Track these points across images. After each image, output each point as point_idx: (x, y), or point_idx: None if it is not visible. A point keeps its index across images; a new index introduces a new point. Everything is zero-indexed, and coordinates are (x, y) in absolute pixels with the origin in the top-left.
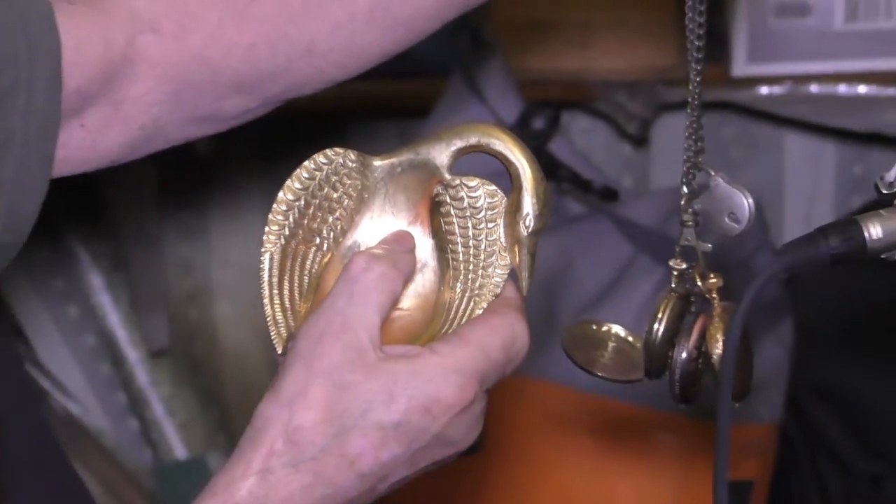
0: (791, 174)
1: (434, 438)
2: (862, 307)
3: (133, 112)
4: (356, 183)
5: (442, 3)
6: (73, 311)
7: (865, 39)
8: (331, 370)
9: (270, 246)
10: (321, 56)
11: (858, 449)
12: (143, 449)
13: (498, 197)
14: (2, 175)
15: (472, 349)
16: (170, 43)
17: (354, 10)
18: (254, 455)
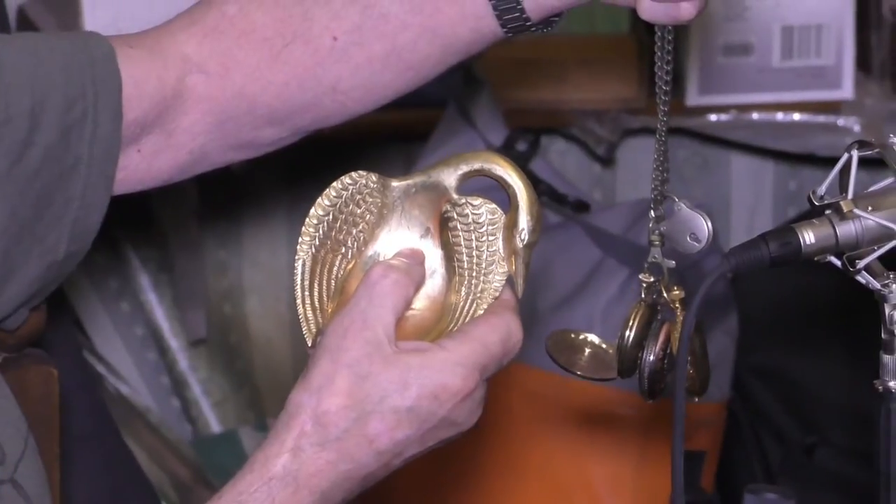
0: (736, 189)
1: (441, 420)
2: (796, 302)
3: (182, 140)
4: (377, 201)
5: (446, 52)
6: (124, 307)
7: (799, 74)
8: (353, 362)
9: (303, 254)
10: (344, 93)
11: (793, 422)
12: (184, 424)
13: (498, 214)
14: (70, 193)
15: (475, 344)
16: (215, 81)
17: (372, 55)
18: (287, 435)
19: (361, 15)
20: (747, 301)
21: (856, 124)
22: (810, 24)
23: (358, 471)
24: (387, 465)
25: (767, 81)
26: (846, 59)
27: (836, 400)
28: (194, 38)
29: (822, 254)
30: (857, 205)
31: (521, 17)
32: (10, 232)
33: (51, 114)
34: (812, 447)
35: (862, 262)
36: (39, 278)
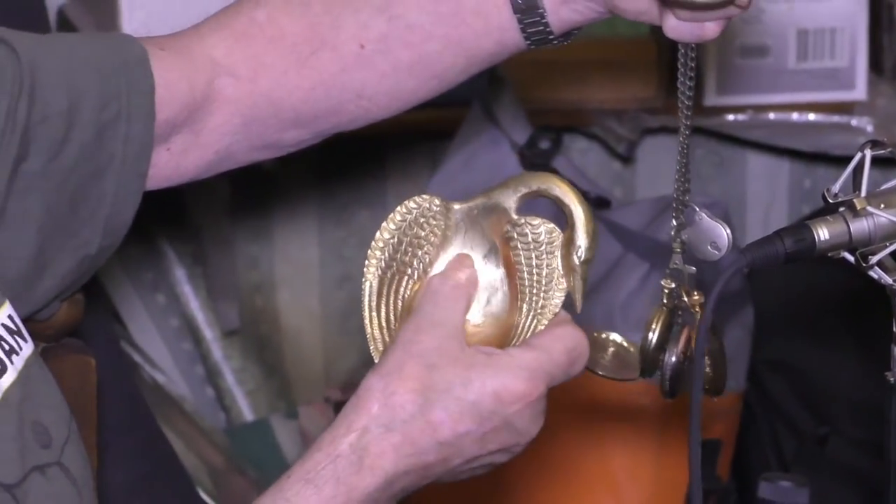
0: (752, 186)
1: (502, 422)
2: (810, 297)
3: (210, 140)
4: (440, 223)
5: (470, 62)
6: (160, 299)
7: (813, 76)
8: (423, 353)
9: (370, 276)
10: (368, 99)
11: (807, 413)
12: (218, 412)
13: (556, 233)
14: (104, 190)
15: (538, 352)
16: (243, 85)
17: (398, 64)
18: (356, 417)
19: (388, 25)
20: (763, 296)
21: (868, 124)
22: (825, 27)
23: (420, 458)
24: (447, 460)
25: (783, 83)
26: (859, 62)
27: (848, 392)
28: (224, 42)
29: (835, 250)
30: (869, 202)
31: (545, 31)
32: (45, 227)
33: (86, 113)
34: (825, 437)
35: (874, 257)
36: (73, 272)
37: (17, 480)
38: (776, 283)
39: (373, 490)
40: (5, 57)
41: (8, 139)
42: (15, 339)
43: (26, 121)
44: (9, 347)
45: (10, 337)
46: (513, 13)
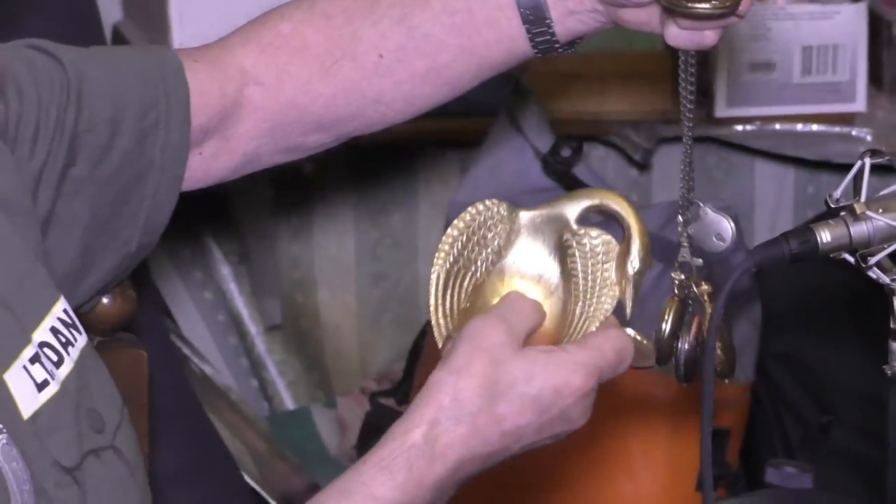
0: (760, 192)
1: (560, 413)
2: (814, 295)
3: (238, 144)
4: (505, 227)
5: (481, 69)
6: (208, 296)
7: (816, 89)
8: (489, 349)
9: (438, 267)
10: (386, 105)
11: (811, 403)
12: (261, 402)
13: (612, 244)
14: (144, 193)
15: (593, 351)
16: (270, 92)
17: (414, 72)
18: (427, 409)
19: (406, 35)
20: (770, 293)
21: (868, 134)
22: (827, 44)
23: (484, 447)
24: (507, 448)
25: (788, 95)
26: (859, 76)
27: (849, 383)
28: (252, 53)
29: (837, 251)
30: (869, 207)
31: (552, 40)
32: (90, 228)
33: (128, 121)
34: (828, 426)
35: (873, 259)
36: (114, 269)
37: (76, 464)
38: (783, 281)
39: (442, 477)
40: (53, 69)
41: (57, 146)
42: (70, 331)
43: (74, 129)
44: (65, 340)
45: (66, 330)
46: (522, 24)
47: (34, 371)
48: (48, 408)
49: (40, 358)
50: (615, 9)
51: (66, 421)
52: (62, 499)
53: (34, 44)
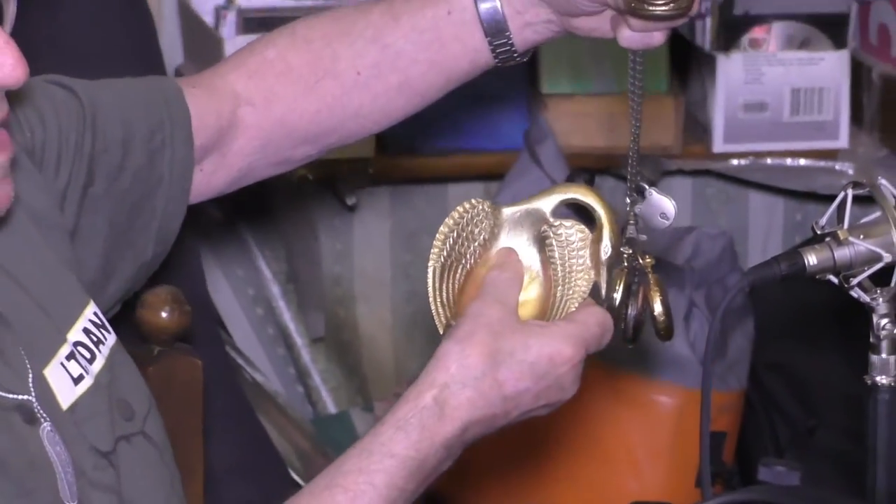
0: (753, 220)
1: (554, 381)
2: (802, 311)
3: (234, 160)
4: (490, 222)
5: (449, 80)
6: (259, 310)
7: (804, 128)
8: (489, 323)
9: (433, 262)
10: (365, 117)
11: (799, 408)
12: (306, 406)
13: (586, 233)
14: (155, 206)
15: (579, 325)
16: (260, 112)
17: (388, 86)
18: (436, 375)
19: (380, 53)
20: (762, 309)
21: (850, 168)
22: (814, 87)
23: (488, 409)
24: (507, 412)
25: (779, 133)
26: (842, 116)
27: (834, 390)
28: (242, 77)
29: (822, 273)
30: (851, 234)
31: (511, 51)
32: (110, 239)
33: (138, 143)
34: (814, 428)
35: (855, 280)
36: (133, 277)
37: (111, 448)
38: (774, 299)
39: (451, 436)
40: (70, 100)
41: (77, 168)
42: (101, 331)
43: (91, 151)
44: (96, 339)
45: (97, 330)
46: (484, 37)
47: (70, 367)
48: (84, 399)
49: (75, 355)
50: (568, 18)
51: (100, 410)
52: (100, 479)
53: (52, 78)
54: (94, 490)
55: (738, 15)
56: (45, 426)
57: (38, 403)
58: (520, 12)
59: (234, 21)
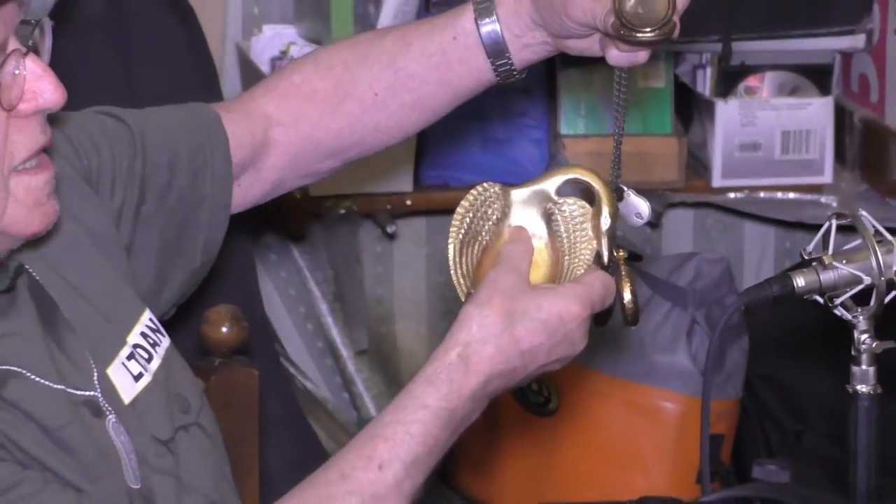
0: (748, 246)
1: (564, 336)
2: (791, 328)
3: (267, 174)
4: (501, 203)
5: (455, 97)
6: (309, 326)
7: (793, 165)
8: (504, 288)
9: (452, 239)
10: (382, 132)
11: (788, 414)
12: (351, 411)
13: (587, 208)
14: (201, 219)
15: (585, 286)
16: (290, 131)
17: (403, 104)
18: (460, 335)
19: (394, 76)
20: (756, 327)
21: (834, 201)
22: (802, 129)
23: (507, 363)
24: (525, 366)
25: (771, 170)
26: (827, 155)
27: (819, 399)
28: (272, 101)
29: (809, 293)
30: (835, 259)
31: (511, 70)
32: (161, 252)
33: (182, 164)
34: (801, 432)
35: (838, 300)
36: (184, 283)
37: (170, 437)
38: (766, 317)
39: (476, 388)
40: (121, 128)
41: (130, 189)
42: (156, 335)
43: (141, 174)
44: (153, 341)
45: (153, 334)
46: (487, 58)
47: (131, 366)
48: (144, 394)
49: (135, 356)
50: (561, 40)
51: (159, 404)
52: (160, 465)
53: (104, 110)
54: (155, 474)
55: (735, 66)
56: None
57: (104, 399)
58: (518, 35)
59: None
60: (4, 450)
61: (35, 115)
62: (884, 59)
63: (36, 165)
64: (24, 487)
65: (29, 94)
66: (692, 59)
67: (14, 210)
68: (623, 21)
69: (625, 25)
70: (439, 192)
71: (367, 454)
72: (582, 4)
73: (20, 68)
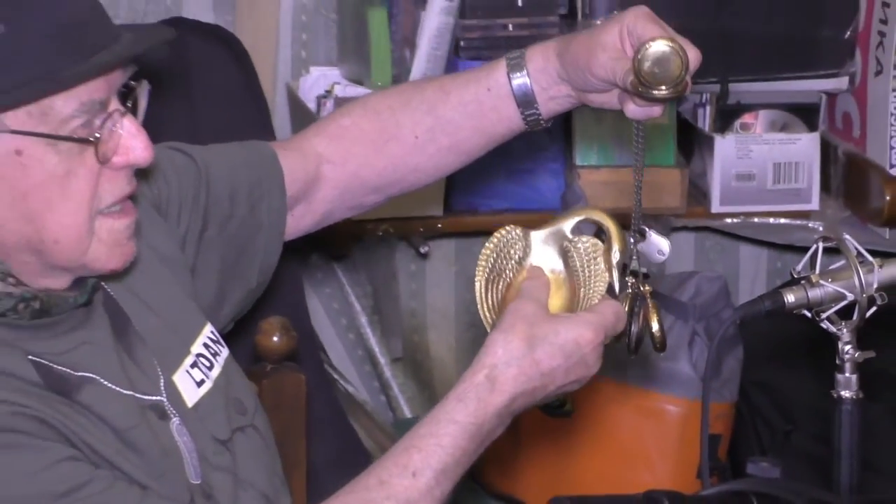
0: (743, 266)
1: (580, 359)
2: (781, 339)
3: (318, 206)
4: (522, 244)
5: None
6: (350, 336)
7: (784, 193)
8: (526, 316)
9: (479, 278)
10: (421, 171)
11: (778, 415)
12: (388, 412)
13: (599, 244)
14: (258, 245)
15: (598, 314)
16: (338, 168)
17: (441, 147)
18: (486, 358)
19: (434, 121)
20: (750, 338)
21: (820, 226)
22: (791, 161)
23: (529, 384)
24: (545, 386)
25: (763, 197)
26: (814, 184)
27: (807, 402)
28: (324, 141)
29: (798, 308)
30: (821, 277)
31: (539, 119)
32: (221, 273)
33: (242, 195)
34: (790, 433)
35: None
36: (241, 301)
37: (228, 437)
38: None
39: (501, 406)
40: (188, 163)
41: (194, 217)
42: (217, 346)
43: (205, 203)
44: (214, 351)
45: (214, 344)
46: (517, 108)
47: (194, 373)
48: (205, 399)
49: (197, 364)
50: (584, 94)
51: (218, 407)
52: (219, 462)
53: (173, 145)
54: (214, 471)
55: (732, 104)
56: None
57: (169, 403)
58: (545, 89)
59: (332, 107)
60: (79, 450)
61: (125, 168)
62: (865, 98)
63: (120, 210)
64: (96, 485)
65: (122, 150)
66: (693, 99)
67: (96, 248)
68: (641, 79)
69: (642, 83)
70: (467, 217)
71: (402, 463)
72: (604, 63)
73: (118, 126)
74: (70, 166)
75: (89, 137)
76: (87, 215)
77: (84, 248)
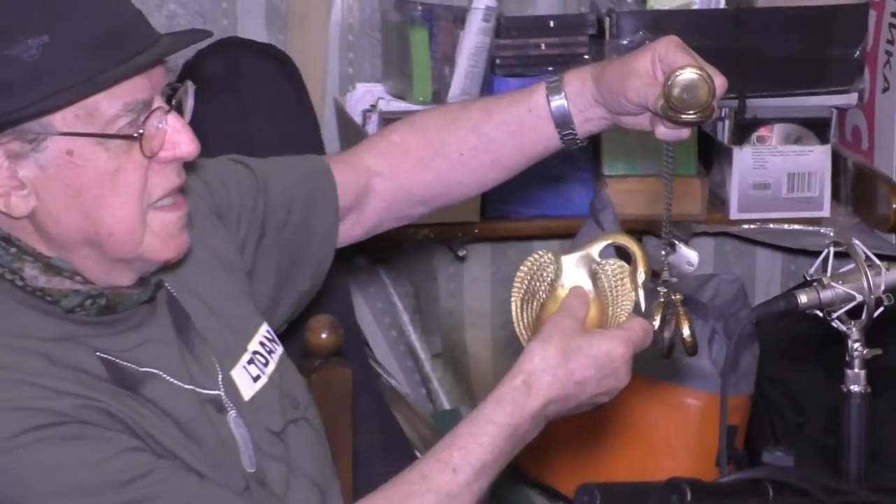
0: (759, 269)
1: (612, 371)
2: (795, 337)
3: (368, 217)
4: (554, 267)
5: (528, 160)
6: (393, 333)
7: (798, 202)
8: (563, 329)
9: (515, 298)
10: (465, 186)
11: (791, 408)
12: (428, 404)
13: (625, 267)
14: (312, 251)
15: (628, 331)
16: (387, 181)
17: (483, 163)
18: (524, 365)
19: (477, 139)
20: (766, 336)
21: (831, 232)
22: (804, 171)
23: (562, 391)
24: (577, 395)
25: (778, 205)
26: (826, 193)
27: (818, 396)
28: (374, 156)
29: (811, 309)
30: (832, 280)
31: (575, 138)
32: (277, 277)
33: (297, 205)
34: (802, 425)
35: (835, 314)
36: (295, 303)
37: (281, 429)
38: (774, 328)
39: (535, 410)
40: (247, 173)
41: (253, 224)
42: (272, 344)
43: (263, 212)
44: (269, 349)
45: (269, 343)
46: (555, 128)
47: (250, 369)
48: (261, 393)
49: (254, 361)
50: (617, 116)
51: (273, 401)
52: (273, 452)
53: (234, 157)
54: (269, 461)
55: (749, 118)
56: (232, 413)
57: (226, 396)
58: (581, 111)
59: (376, 120)
60: (142, 441)
61: (172, 162)
62: (873, 113)
63: (171, 203)
64: (158, 473)
65: (168, 145)
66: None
67: (150, 240)
68: (671, 104)
69: (672, 108)
70: (502, 222)
71: (444, 459)
72: (637, 88)
73: (162, 123)
74: (119, 163)
75: (133, 134)
76: (139, 208)
77: (138, 240)
